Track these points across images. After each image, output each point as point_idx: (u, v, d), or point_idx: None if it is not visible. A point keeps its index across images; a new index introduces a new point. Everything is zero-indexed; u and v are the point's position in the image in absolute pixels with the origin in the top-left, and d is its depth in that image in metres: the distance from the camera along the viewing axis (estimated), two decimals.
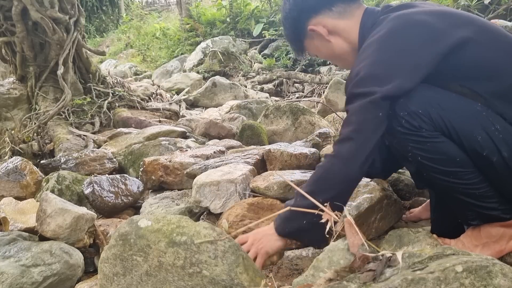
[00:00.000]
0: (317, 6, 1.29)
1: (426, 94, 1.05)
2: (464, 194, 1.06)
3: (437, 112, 1.02)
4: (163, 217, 1.08)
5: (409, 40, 1.07)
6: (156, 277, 0.99)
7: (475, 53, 1.05)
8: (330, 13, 1.28)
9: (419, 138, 1.04)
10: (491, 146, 1.01)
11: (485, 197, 1.06)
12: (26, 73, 4.01)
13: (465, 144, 1.02)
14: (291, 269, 1.33)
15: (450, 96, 1.05)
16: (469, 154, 1.03)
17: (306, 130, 2.93)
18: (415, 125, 1.03)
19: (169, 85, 6.71)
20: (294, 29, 1.35)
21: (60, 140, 3.31)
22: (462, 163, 1.03)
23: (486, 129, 1.01)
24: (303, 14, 1.30)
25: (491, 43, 1.06)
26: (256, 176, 1.74)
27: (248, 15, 9.09)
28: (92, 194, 1.94)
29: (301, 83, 6.65)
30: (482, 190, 1.05)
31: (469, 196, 1.06)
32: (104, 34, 14.49)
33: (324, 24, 1.28)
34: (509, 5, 4.97)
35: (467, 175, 1.04)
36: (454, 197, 1.09)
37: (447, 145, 1.03)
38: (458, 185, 1.05)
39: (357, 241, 0.83)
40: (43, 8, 3.69)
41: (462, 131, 1.02)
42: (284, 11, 1.36)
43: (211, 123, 3.27)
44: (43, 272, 1.32)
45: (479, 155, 1.02)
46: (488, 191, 1.06)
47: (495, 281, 0.64)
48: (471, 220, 1.12)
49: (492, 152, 1.01)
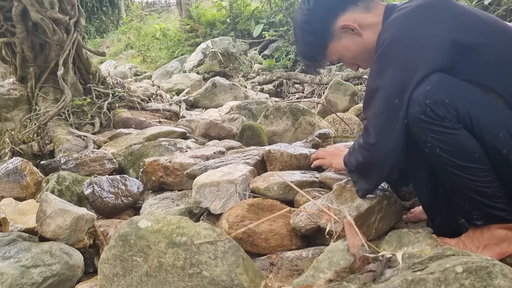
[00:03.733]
0: (343, 3, 1.27)
1: (455, 85, 1.04)
2: (475, 191, 1.06)
3: (463, 104, 1.01)
4: (163, 217, 1.08)
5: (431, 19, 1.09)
6: (156, 278, 0.99)
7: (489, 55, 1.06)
8: (357, 8, 1.27)
9: (441, 128, 1.03)
10: (511, 145, 1.01)
11: (495, 196, 1.06)
12: (26, 73, 4.00)
13: (486, 140, 1.02)
14: (291, 270, 1.33)
15: (476, 91, 1.05)
16: (488, 151, 1.03)
17: (306, 131, 2.93)
18: (440, 114, 1.02)
19: (169, 85, 6.72)
20: (319, 33, 1.29)
21: (60, 140, 3.31)
22: (480, 159, 1.03)
23: (508, 127, 1.01)
24: (330, 13, 1.27)
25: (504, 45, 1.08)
26: (256, 177, 1.74)
27: (248, 15, 9.10)
28: (92, 194, 1.94)
29: (301, 84, 6.65)
30: (494, 189, 1.05)
31: (480, 194, 1.06)
32: (104, 35, 14.51)
33: (353, 20, 1.26)
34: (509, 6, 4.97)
35: (482, 172, 1.04)
36: (464, 194, 1.08)
37: (467, 139, 1.02)
38: (471, 181, 1.05)
39: (357, 242, 0.83)
40: (43, 9, 3.69)
41: (486, 126, 1.01)
42: (303, 16, 1.31)
43: (211, 123, 3.27)
44: (43, 273, 1.32)
45: (498, 153, 1.02)
46: (499, 191, 1.06)
47: (495, 282, 0.64)
48: (477, 219, 1.11)
49: (511, 151, 1.01)
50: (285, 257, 1.34)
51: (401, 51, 1.11)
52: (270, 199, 1.56)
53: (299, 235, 1.41)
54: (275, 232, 1.40)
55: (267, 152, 1.94)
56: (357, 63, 1.37)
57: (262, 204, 1.53)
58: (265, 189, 1.58)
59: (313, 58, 1.38)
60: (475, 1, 5.20)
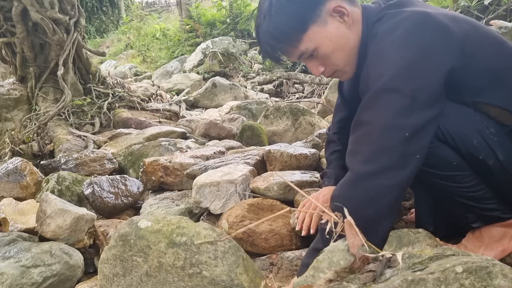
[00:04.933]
0: None
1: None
2: (464, 197, 1.07)
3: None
4: (163, 217, 1.08)
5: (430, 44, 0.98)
6: (156, 278, 0.99)
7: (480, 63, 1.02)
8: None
9: None
10: (487, 150, 1.01)
11: (484, 198, 1.07)
12: (26, 73, 4.01)
13: (461, 149, 1.02)
14: (291, 270, 1.33)
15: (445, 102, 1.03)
16: (465, 158, 1.03)
17: (306, 131, 2.93)
18: None
19: (169, 85, 6.72)
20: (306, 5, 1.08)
21: (60, 140, 3.31)
22: (459, 166, 1.03)
23: (481, 132, 1.01)
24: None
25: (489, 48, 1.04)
26: (256, 177, 1.74)
27: (248, 15, 9.10)
28: (92, 194, 1.94)
29: (301, 84, 6.66)
30: (481, 192, 1.06)
31: (469, 199, 1.07)
32: (104, 35, 14.51)
33: (346, 7, 1.09)
34: (509, 6, 4.97)
35: (465, 178, 1.04)
36: (454, 200, 1.09)
37: (443, 150, 1.03)
38: (456, 188, 1.06)
39: (357, 242, 0.83)
40: (43, 9, 3.69)
41: (458, 136, 1.01)
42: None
43: (211, 123, 3.28)
44: (43, 273, 1.32)
45: (476, 159, 1.02)
46: (487, 192, 1.06)
47: (495, 282, 0.64)
48: (473, 222, 1.12)
49: (488, 155, 1.01)
50: (285, 257, 1.35)
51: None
52: (270, 199, 1.56)
53: (299, 235, 1.41)
54: (275, 232, 1.41)
55: (267, 152, 1.94)
56: (327, 62, 1.14)
57: (262, 204, 1.53)
58: (265, 189, 1.58)
59: (285, 35, 1.11)
60: (475, 1, 5.19)
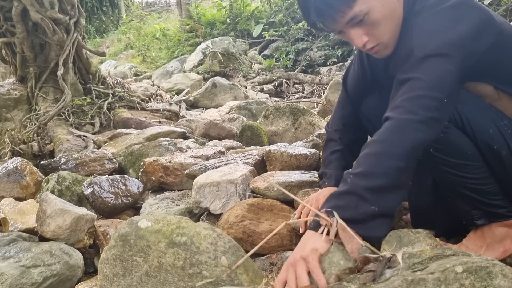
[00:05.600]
0: None
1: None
2: (471, 189, 1.06)
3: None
4: (163, 217, 1.08)
5: (479, 21, 0.96)
6: (156, 278, 0.99)
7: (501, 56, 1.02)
8: None
9: None
10: (501, 140, 1.02)
11: (491, 193, 1.06)
12: (26, 73, 4.01)
13: (477, 137, 1.02)
14: None
15: (462, 90, 1.04)
16: (480, 147, 1.03)
17: (306, 131, 2.93)
18: None
19: (169, 85, 6.72)
20: None
21: (60, 140, 3.31)
22: (472, 156, 1.03)
23: (496, 123, 1.02)
24: None
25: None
26: (256, 177, 1.74)
27: (248, 15, 9.09)
28: (92, 194, 1.94)
29: (301, 84, 6.65)
30: (489, 186, 1.06)
31: (476, 192, 1.06)
32: (104, 35, 14.50)
33: None
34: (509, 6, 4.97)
35: (476, 170, 1.04)
36: (461, 193, 1.08)
37: (459, 137, 1.03)
38: (466, 179, 1.05)
39: (355, 245, 0.81)
40: (43, 9, 3.69)
41: (475, 123, 1.02)
42: None
43: (211, 123, 3.28)
44: (43, 273, 1.32)
45: (490, 149, 1.03)
46: (494, 187, 1.06)
47: (495, 282, 0.64)
48: (477, 219, 1.11)
49: (502, 146, 1.02)
50: (285, 257, 1.35)
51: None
52: (270, 199, 1.56)
53: (299, 235, 1.41)
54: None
55: (267, 152, 1.94)
56: (375, 31, 1.05)
57: (262, 204, 1.53)
58: (265, 189, 1.58)
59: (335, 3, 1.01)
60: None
